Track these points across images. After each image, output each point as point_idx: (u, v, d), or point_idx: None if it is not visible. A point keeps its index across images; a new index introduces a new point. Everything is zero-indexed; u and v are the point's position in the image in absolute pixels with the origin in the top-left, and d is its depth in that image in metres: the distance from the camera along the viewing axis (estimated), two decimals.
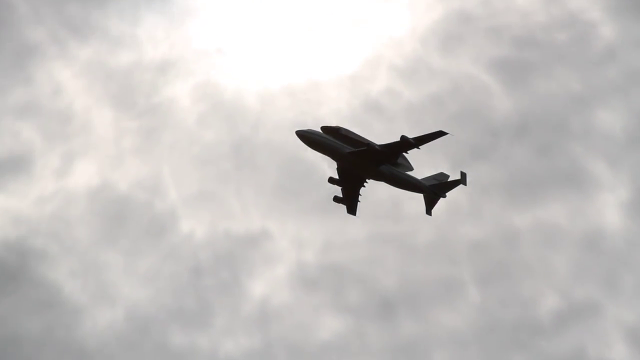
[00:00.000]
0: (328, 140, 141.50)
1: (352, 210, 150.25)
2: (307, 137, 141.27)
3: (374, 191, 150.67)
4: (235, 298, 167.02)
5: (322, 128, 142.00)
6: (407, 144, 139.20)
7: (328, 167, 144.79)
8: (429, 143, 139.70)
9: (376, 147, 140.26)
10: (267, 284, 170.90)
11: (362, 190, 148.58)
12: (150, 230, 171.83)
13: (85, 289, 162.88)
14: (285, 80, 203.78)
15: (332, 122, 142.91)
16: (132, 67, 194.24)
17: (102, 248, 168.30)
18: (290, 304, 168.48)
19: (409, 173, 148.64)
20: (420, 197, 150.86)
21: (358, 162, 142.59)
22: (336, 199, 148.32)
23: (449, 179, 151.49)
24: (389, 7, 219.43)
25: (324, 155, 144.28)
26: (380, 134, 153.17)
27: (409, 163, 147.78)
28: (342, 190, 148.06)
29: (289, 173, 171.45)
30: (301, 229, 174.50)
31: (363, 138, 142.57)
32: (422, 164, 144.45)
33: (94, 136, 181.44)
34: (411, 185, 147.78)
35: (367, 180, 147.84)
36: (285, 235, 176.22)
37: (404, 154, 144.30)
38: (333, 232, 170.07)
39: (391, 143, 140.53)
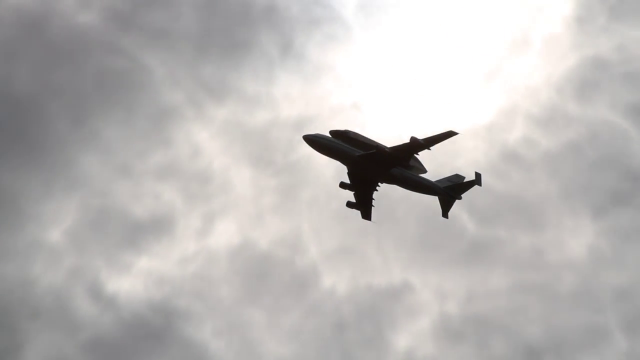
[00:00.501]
0: (337, 144, 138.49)
1: (366, 215, 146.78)
2: (315, 141, 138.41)
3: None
4: (379, 352, 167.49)
5: (331, 132, 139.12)
6: (417, 145, 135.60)
7: (467, 217, 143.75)
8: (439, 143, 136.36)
9: (385, 149, 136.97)
10: (410, 337, 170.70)
11: (375, 194, 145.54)
12: (292, 287, 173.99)
13: (230, 347, 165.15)
14: (421, 132, 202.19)
15: (471, 174, 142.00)
16: (269, 126, 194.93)
17: (245, 306, 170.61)
18: (434, 356, 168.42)
19: (423, 175, 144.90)
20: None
21: (368, 165, 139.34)
22: (349, 205, 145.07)
23: (468, 181, 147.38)
24: (522, 56, 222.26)
25: (335, 161, 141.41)
26: (517, 183, 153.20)
27: (422, 165, 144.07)
28: (355, 195, 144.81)
29: (427, 225, 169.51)
30: (443, 280, 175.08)
31: (372, 141, 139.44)
32: None
33: (234, 195, 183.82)
34: (424, 187, 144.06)
35: (379, 184, 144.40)
36: (427, 287, 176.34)
37: (416, 156, 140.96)
38: (475, 282, 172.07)
39: (401, 145, 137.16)
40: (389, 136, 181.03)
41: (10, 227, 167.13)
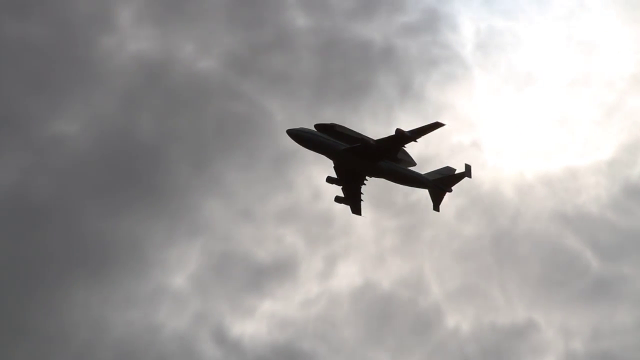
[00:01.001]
0: (322, 138, 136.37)
1: (356, 210, 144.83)
2: (299, 135, 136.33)
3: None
4: None
5: (316, 126, 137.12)
6: (403, 137, 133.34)
7: (591, 253, 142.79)
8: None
9: (371, 142, 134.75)
10: None
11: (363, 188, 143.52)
12: (416, 327, 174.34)
13: None
14: (542, 169, 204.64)
15: (592, 210, 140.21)
16: None
17: (369, 347, 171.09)
18: None
19: (411, 168, 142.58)
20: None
21: (354, 159, 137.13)
22: (337, 199, 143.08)
23: (458, 173, 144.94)
24: None
25: (320, 155, 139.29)
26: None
27: (411, 158, 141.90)
28: (343, 189, 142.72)
29: (551, 262, 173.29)
30: (567, 318, 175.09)
31: (359, 134, 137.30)
32: None
33: (355, 237, 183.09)
34: (413, 180, 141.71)
35: (367, 177, 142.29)
36: (552, 325, 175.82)
37: (404, 148, 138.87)
38: (600, 320, 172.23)
39: (386, 137, 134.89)
40: (510, 174, 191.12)
41: (135, 274, 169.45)
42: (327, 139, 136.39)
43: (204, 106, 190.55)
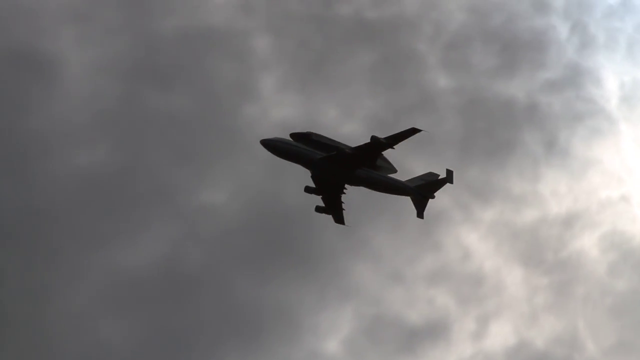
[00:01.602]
0: (297, 147, 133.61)
1: (339, 219, 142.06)
2: (273, 146, 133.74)
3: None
4: None
5: (292, 135, 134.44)
6: (379, 144, 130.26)
7: None
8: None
9: (346, 150, 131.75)
10: None
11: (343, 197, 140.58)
12: None
13: None
14: None
15: None
16: (537, 224, 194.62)
17: None
18: None
19: (392, 175, 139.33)
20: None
21: (331, 167, 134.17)
22: (318, 209, 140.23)
23: (440, 178, 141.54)
24: None
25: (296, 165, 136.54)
26: None
27: (391, 165, 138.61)
28: (323, 199, 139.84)
29: None
30: None
31: (336, 142, 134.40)
32: None
33: (507, 296, 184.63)
34: (393, 188, 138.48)
35: (346, 186, 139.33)
36: None
37: (385, 155, 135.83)
38: None
39: (362, 145, 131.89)
40: None
41: (288, 340, 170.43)
42: (302, 149, 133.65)
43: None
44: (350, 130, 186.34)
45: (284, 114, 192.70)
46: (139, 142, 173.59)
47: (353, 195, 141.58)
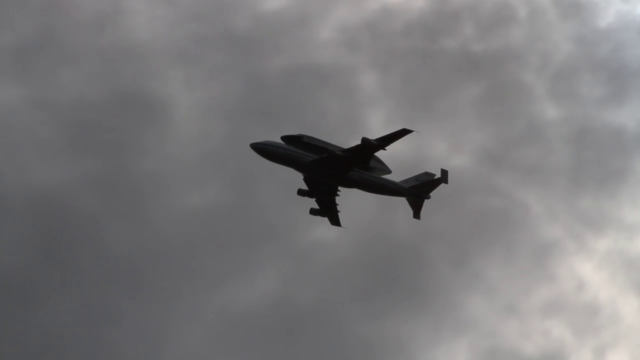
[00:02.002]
0: (287, 150, 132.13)
1: (334, 221, 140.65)
2: (263, 149, 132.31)
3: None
4: None
5: (283, 138, 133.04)
6: (370, 146, 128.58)
7: None
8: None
9: (337, 153, 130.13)
10: None
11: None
12: None
13: None
14: None
15: None
16: None
17: None
18: None
19: (386, 176, 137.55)
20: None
21: (323, 170, 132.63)
22: (313, 212, 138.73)
23: (435, 178, 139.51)
24: None
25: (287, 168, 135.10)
26: None
27: (385, 166, 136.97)
28: (317, 201, 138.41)
29: None
30: None
31: (328, 144, 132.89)
32: None
33: (623, 326, 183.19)
34: (387, 189, 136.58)
35: (339, 188, 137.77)
36: None
37: (378, 156, 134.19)
38: None
39: (353, 147, 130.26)
40: None
41: None
42: (293, 152, 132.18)
43: (460, 203, 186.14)
44: (459, 163, 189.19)
45: (392, 148, 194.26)
46: (249, 180, 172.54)
47: (348, 196, 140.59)
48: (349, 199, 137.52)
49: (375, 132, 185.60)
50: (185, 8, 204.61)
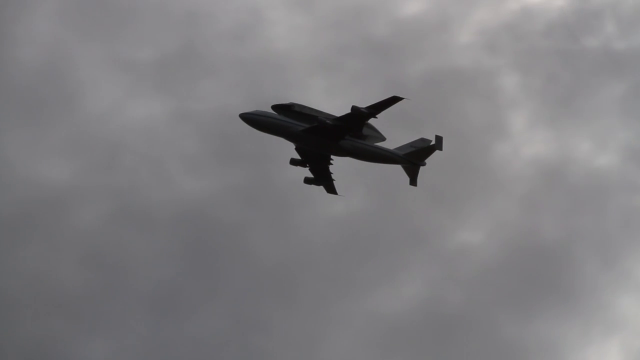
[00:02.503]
0: (278, 120, 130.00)
1: (330, 189, 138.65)
2: (253, 119, 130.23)
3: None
4: None
5: (273, 107, 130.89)
6: (360, 114, 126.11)
7: None
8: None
9: (327, 122, 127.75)
10: None
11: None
12: None
13: None
14: None
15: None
16: None
17: None
18: None
19: (380, 144, 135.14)
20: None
21: (314, 139, 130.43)
22: (307, 181, 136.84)
23: (430, 145, 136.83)
24: None
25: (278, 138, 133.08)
26: None
27: (379, 133, 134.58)
28: (310, 170, 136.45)
29: None
30: None
31: (319, 112, 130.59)
32: None
33: None
34: (380, 157, 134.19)
35: (332, 157, 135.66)
36: None
37: (371, 123, 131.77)
38: None
39: (343, 115, 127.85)
40: None
41: None
42: (283, 121, 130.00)
43: (606, 203, 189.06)
44: (604, 162, 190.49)
45: (536, 150, 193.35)
46: (392, 186, 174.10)
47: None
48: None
49: (517, 135, 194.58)
50: (324, 16, 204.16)
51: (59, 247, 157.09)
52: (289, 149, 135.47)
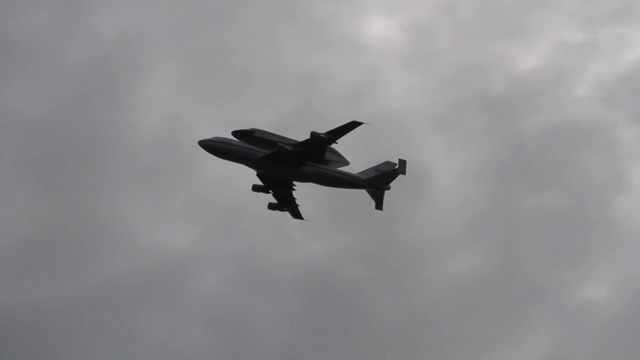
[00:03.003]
0: (237, 147, 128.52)
1: (296, 214, 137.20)
2: (212, 146, 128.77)
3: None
4: None
5: (234, 133, 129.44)
6: (320, 140, 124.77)
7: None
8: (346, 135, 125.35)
9: (286, 148, 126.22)
10: None
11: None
12: None
13: None
14: None
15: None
16: None
17: None
18: None
19: (344, 168, 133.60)
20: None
21: (275, 165, 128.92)
22: (271, 206, 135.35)
23: (393, 169, 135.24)
24: None
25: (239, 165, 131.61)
26: None
27: (343, 158, 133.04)
28: (274, 195, 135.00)
29: None
30: None
31: (280, 137, 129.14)
32: None
33: None
34: (343, 181, 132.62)
35: (295, 183, 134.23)
36: None
37: (334, 148, 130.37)
38: None
39: (303, 141, 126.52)
40: None
41: None
42: (242, 148, 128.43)
43: None
44: None
45: None
46: (513, 243, 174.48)
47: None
48: None
49: (638, 188, 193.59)
50: (439, 74, 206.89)
51: (183, 312, 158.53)
52: (251, 176, 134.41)
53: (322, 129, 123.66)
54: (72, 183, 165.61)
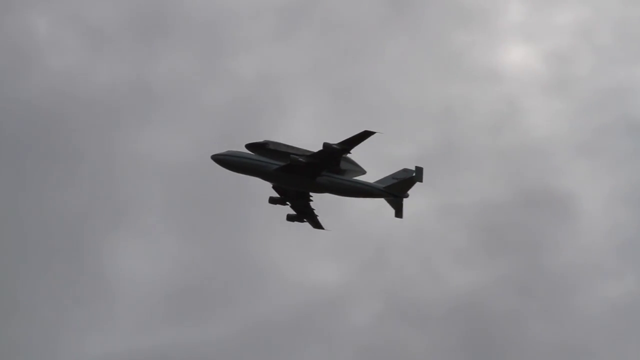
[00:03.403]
0: (251, 160, 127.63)
1: (316, 224, 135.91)
2: (225, 160, 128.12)
3: None
4: None
5: (247, 145, 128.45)
6: (332, 151, 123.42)
7: None
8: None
9: (300, 159, 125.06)
10: None
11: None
12: None
13: None
14: None
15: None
16: None
17: None
18: None
19: (360, 177, 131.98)
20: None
21: (290, 177, 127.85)
22: (290, 218, 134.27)
23: (410, 176, 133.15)
24: None
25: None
26: None
27: (359, 167, 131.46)
28: (292, 207, 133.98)
29: None
30: None
31: (295, 149, 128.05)
32: None
33: None
34: (359, 191, 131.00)
35: (311, 194, 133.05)
36: None
37: (350, 157, 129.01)
38: None
39: (316, 152, 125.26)
40: None
41: None
42: (256, 160, 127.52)
43: None
44: None
45: None
46: None
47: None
48: None
49: None
50: (581, 100, 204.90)
51: (335, 349, 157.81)
52: (267, 188, 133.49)
53: (466, 161, 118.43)
54: (218, 226, 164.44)
